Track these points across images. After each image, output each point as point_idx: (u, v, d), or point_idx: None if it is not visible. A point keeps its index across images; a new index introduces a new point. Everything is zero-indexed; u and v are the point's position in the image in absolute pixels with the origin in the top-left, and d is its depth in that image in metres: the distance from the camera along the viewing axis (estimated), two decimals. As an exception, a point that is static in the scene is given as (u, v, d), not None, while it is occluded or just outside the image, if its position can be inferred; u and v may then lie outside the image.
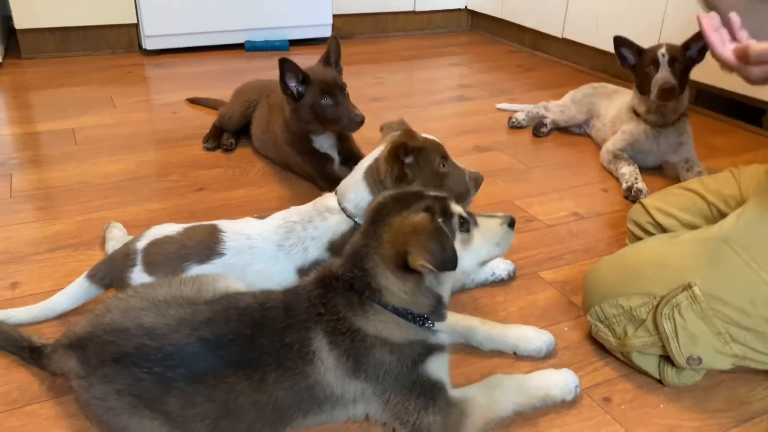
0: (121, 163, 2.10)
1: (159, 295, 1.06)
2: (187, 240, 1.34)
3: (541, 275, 1.57)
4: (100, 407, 0.98)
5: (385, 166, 1.33)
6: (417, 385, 1.01)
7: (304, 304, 1.04)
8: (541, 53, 3.65)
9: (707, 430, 1.13)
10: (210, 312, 1.02)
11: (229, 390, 0.96)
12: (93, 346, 0.99)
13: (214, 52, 3.43)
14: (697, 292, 1.12)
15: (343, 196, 1.38)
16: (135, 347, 0.97)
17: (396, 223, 1.00)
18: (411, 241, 0.96)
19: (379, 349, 1.01)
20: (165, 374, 0.95)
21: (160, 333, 0.98)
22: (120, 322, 1.00)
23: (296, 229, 1.36)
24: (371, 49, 3.71)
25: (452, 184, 1.37)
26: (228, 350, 0.98)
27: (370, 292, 1.02)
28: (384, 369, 1.01)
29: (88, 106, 2.59)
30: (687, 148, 2.07)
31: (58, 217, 1.75)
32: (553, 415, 1.15)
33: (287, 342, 1.00)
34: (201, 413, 0.96)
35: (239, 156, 2.19)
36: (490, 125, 2.55)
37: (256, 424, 0.99)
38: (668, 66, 1.94)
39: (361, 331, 1.01)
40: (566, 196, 1.99)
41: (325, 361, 1.01)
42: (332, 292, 1.04)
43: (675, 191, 1.52)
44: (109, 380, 0.96)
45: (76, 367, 1.01)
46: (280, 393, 0.99)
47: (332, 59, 1.90)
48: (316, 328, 1.01)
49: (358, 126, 1.81)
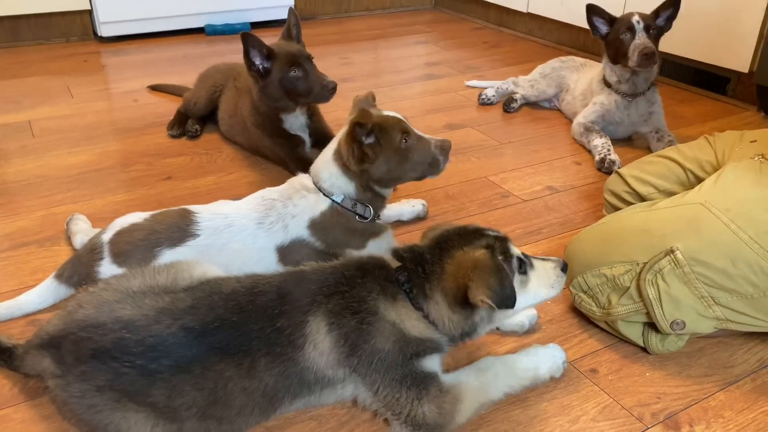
0: (83, 154, 2.02)
1: (133, 286, 1.02)
2: (157, 225, 1.30)
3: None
4: (79, 405, 0.94)
5: (345, 148, 1.31)
6: (408, 377, 1.00)
7: (311, 285, 1.02)
8: (507, 29, 3.64)
9: (693, 395, 1.14)
10: (191, 299, 0.99)
11: (217, 377, 0.94)
12: (68, 343, 0.95)
13: (173, 38, 3.33)
14: (679, 257, 1.12)
15: (318, 176, 1.35)
16: (113, 342, 0.93)
17: (458, 256, 1.02)
18: (473, 275, 0.97)
19: (383, 336, 0.99)
20: (148, 366, 0.92)
21: (139, 325, 0.94)
22: (95, 317, 0.96)
23: (276, 206, 1.33)
24: (335, 29, 3.65)
25: (418, 157, 1.33)
26: (214, 337, 0.95)
27: (417, 294, 1.03)
28: (378, 357, 0.99)
29: (44, 96, 2.49)
30: (657, 118, 2.09)
31: (19, 213, 1.67)
32: (542, 389, 1.14)
33: (278, 327, 0.97)
34: (188, 402, 0.93)
35: (206, 142, 2.13)
36: (461, 102, 2.53)
37: (245, 409, 0.97)
38: (644, 32, 1.94)
39: (378, 314, 1.00)
40: (540, 170, 1.99)
41: (318, 345, 0.98)
42: (369, 275, 1.04)
43: (651, 159, 1.53)
44: (87, 377, 0.93)
45: (51, 366, 0.96)
46: (270, 379, 0.97)
47: (293, 34, 1.84)
48: (315, 311, 0.99)
49: (331, 93, 1.76)
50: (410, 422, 1.00)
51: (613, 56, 2.03)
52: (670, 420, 1.09)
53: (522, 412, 1.10)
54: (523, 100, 2.45)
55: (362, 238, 1.36)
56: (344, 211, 1.34)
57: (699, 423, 1.09)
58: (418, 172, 1.36)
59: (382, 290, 1.02)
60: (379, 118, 1.30)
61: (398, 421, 1.01)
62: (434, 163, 1.36)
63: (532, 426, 1.08)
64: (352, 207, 1.34)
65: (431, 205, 1.73)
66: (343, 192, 1.33)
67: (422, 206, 1.69)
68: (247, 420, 0.99)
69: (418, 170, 1.36)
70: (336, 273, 1.05)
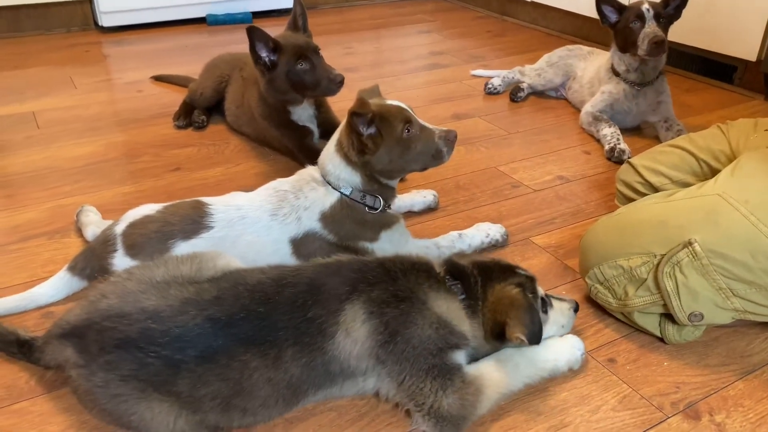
0: (89, 145, 2.01)
1: (156, 276, 1.01)
2: (170, 217, 1.29)
3: (533, 240, 1.56)
4: (103, 395, 0.93)
5: (345, 139, 1.29)
6: (435, 368, 1.00)
7: (352, 274, 1.03)
8: (510, 18, 3.62)
9: (712, 385, 1.14)
10: (216, 290, 0.98)
11: (242, 368, 0.94)
12: (91, 333, 0.95)
13: (174, 28, 3.30)
14: (697, 249, 1.12)
15: (324, 169, 1.34)
16: (139, 332, 0.93)
17: (497, 290, 1.07)
18: (510, 313, 1.03)
19: (427, 323, 1.01)
20: (173, 357, 0.92)
21: (164, 315, 0.94)
22: (119, 306, 0.96)
23: (289, 198, 1.32)
24: (337, 18, 3.62)
25: (422, 147, 1.30)
26: (240, 328, 0.95)
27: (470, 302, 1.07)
28: (413, 345, 0.99)
29: (47, 87, 2.46)
30: (666, 107, 2.08)
31: (27, 205, 1.66)
32: (561, 379, 1.14)
33: (309, 317, 0.97)
34: (213, 392, 0.93)
35: (212, 133, 2.11)
36: (467, 92, 2.52)
37: (269, 400, 0.97)
38: (654, 20, 1.92)
39: (427, 305, 1.02)
40: (549, 160, 1.98)
41: (352, 333, 0.99)
42: (422, 272, 1.07)
43: (663, 149, 1.52)
44: (112, 367, 0.92)
45: (74, 356, 0.96)
46: (296, 369, 0.97)
47: (300, 24, 1.82)
48: (354, 299, 1.00)
49: (338, 87, 1.74)
50: (433, 413, 0.99)
51: (622, 45, 2.02)
52: (690, 409, 1.09)
53: (542, 402, 1.10)
54: (530, 89, 2.44)
55: (374, 230, 1.35)
56: (353, 203, 1.32)
57: (719, 412, 1.09)
58: (420, 163, 1.33)
59: (429, 283, 1.06)
60: (379, 108, 1.27)
61: (420, 413, 1.00)
62: (438, 154, 1.32)
63: (553, 416, 1.07)
64: (361, 199, 1.32)
65: (442, 195, 1.72)
66: (349, 184, 1.31)
67: (433, 197, 1.68)
68: (270, 412, 0.99)
69: (421, 161, 1.33)
70: (385, 264, 1.06)
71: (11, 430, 1.03)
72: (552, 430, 1.05)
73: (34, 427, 1.03)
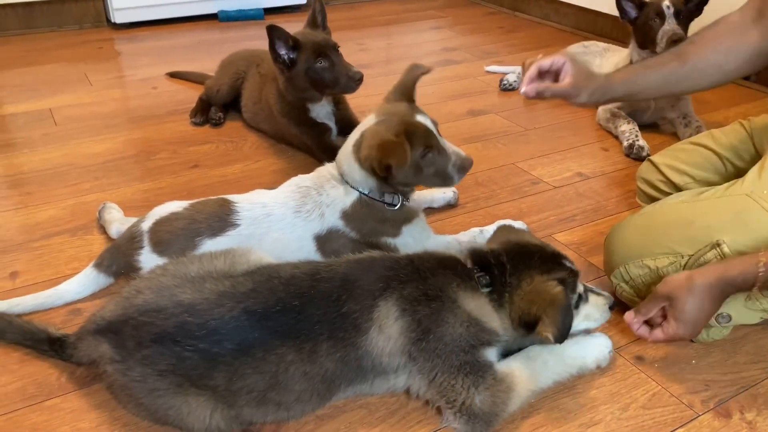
0: (107, 142, 2.01)
1: (191, 272, 1.02)
2: (197, 214, 1.29)
3: (555, 237, 1.55)
4: (140, 390, 0.94)
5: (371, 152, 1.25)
6: (468, 364, 1.00)
7: (385, 272, 1.03)
8: (522, 14, 3.60)
9: (742, 383, 1.14)
10: (251, 283, 0.99)
11: (278, 361, 0.94)
12: (128, 328, 0.95)
13: (186, 24, 3.30)
14: (725, 250, 1.11)
15: (341, 168, 1.34)
16: (176, 326, 0.93)
17: (537, 283, 1.04)
18: (548, 311, 1.01)
19: (458, 322, 1.00)
20: (211, 350, 0.92)
21: (201, 309, 0.95)
22: (155, 301, 0.97)
23: (312, 194, 1.32)
24: (349, 15, 3.62)
25: (434, 171, 1.31)
26: (276, 321, 0.95)
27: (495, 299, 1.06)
28: (445, 342, 0.99)
29: (62, 84, 2.46)
30: (684, 103, 2.07)
31: (49, 202, 1.66)
32: (590, 377, 1.14)
33: (343, 311, 0.98)
34: (249, 386, 0.94)
35: (229, 130, 2.11)
36: (482, 88, 2.51)
37: (304, 395, 0.97)
38: (674, 18, 1.91)
39: (457, 303, 1.01)
40: (568, 156, 1.97)
41: (385, 330, 0.99)
42: (450, 269, 1.06)
43: (685, 147, 1.51)
44: (150, 362, 0.93)
45: (110, 351, 0.96)
46: (331, 364, 0.97)
47: (319, 21, 1.82)
48: (388, 296, 1.00)
49: (357, 84, 1.74)
50: (465, 410, 1.00)
51: (641, 41, 2.01)
52: (721, 408, 1.09)
53: (571, 399, 1.10)
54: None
55: (396, 226, 1.35)
56: (372, 201, 1.32)
57: (749, 410, 1.08)
58: (429, 183, 1.39)
59: (463, 282, 1.04)
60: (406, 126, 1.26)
61: (452, 410, 1.01)
62: (448, 180, 1.35)
63: (583, 414, 1.07)
64: (380, 197, 1.33)
65: (461, 192, 1.72)
66: (364, 186, 1.32)
67: (453, 193, 1.68)
68: (304, 406, 1.00)
69: (430, 182, 1.38)
70: (414, 262, 1.06)
71: (43, 426, 1.04)
72: (582, 428, 1.05)
73: (65, 424, 1.04)
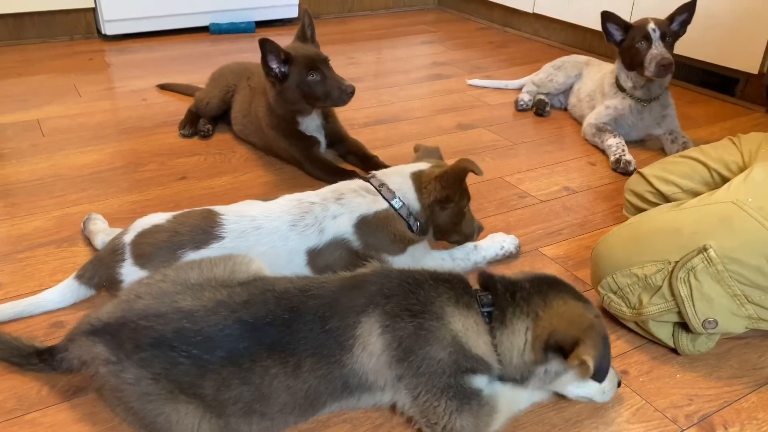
0: (94, 153, 2.00)
1: (191, 278, 1.03)
2: (180, 227, 1.29)
3: (542, 251, 1.56)
4: (132, 392, 0.93)
5: (435, 184, 1.34)
6: (452, 388, 0.97)
7: (371, 287, 1.02)
8: (512, 29, 3.64)
9: (725, 397, 1.14)
10: (246, 294, 1.00)
11: (263, 373, 0.94)
12: (126, 331, 0.95)
13: (177, 36, 3.30)
14: (712, 255, 1.12)
15: (388, 179, 1.37)
16: (174, 331, 0.94)
17: (572, 305, 1.01)
18: (589, 333, 0.95)
19: (440, 345, 0.98)
20: (202, 357, 0.93)
21: (198, 316, 0.96)
22: (156, 307, 0.97)
23: (315, 210, 1.32)
24: (340, 29, 3.64)
25: (465, 227, 1.43)
26: (264, 333, 0.96)
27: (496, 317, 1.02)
28: (428, 363, 0.97)
29: (51, 95, 2.46)
30: (671, 120, 2.09)
31: (34, 213, 1.65)
32: (575, 391, 1.14)
33: (327, 329, 0.97)
34: (235, 396, 0.94)
35: (218, 142, 2.11)
36: (470, 102, 2.53)
37: (286, 407, 0.97)
38: (661, 41, 1.93)
39: (442, 321, 0.99)
40: (555, 171, 1.99)
41: (368, 347, 0.98)
42: (445, 283, 1.03)
43: (674, 160, 1.52)
44: (145, 364, 0.93)
45: (104, 352, 0.96)
46: (314, 380, 0.96)
47: (308, 35, 1.84)
48: (371, 312, 0.99)
49: (349, 97, 1.75)
50: None
51: (628, 63, 2.02)
52: (705, 422, 1.09)
53: (556, 414, 1.10)
54: (548, 98, 2.43)
55: (403, 245, 1.37)
56: (398, 217, 1.34)
57: (733, 425, 1.09)
58: (459, 235, 1.44)
59: (455, 297, 1.01)
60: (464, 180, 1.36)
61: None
62: (471, 235, 1.46)
63: (567, 428, 1.07)
64: (407, 216, 1.35)
65: (449, 205, 1.72)
66: (408, 201, 1.35)
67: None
68: (286, 419, 0.99)
69: (460, 234, 1.44)
70: (403, 275, 1.04)
71: (22, 441, 1.02)
72: (567, 442, 1.05)
73: (45, 438, 1.03)
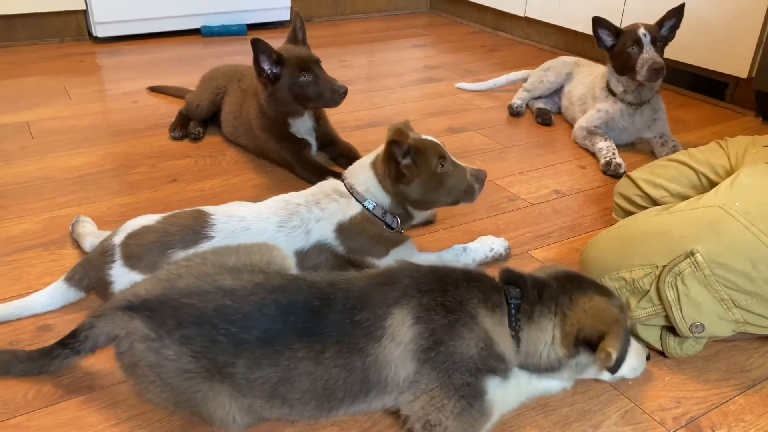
0: (84, 156, 1.99)
1: (229, 263, 1.06)
2: (169, 227, 1.29)
3: (531, 254, 1.56)
4: (172, 369, 0.95)
5: (382, 167, 1.32)
6: (467, 387, 0.98)
7: (405, 280, 1.03)
8: (504, 33, 3.65)
9: (713, 400, 1.15)
10: (282, 279, 1.03)
11: (291, 356, 0.96)
12: (167, 309, 0.97)
13: (169, 39, 3.30)
14: (699, 259, 1.13)
15: (355, 179, 1.35)
16: (215, 308, 0.96)
17: (599, 301, 1.04)
18: (614, 327, 0.99)
19: (468, 340, 0.99)
20: (240, 335, 0.95)
21: (239, 294, 0.98)
22: (198, 285, 0.99)
23: (300, 211, 1.33)
24: (332, 32, 3.64)
25: (453, 183, 1.34)
26: (296, 317, 0.98)
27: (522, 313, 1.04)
28: (456, 357, 0.97)
29: (42, 97, 2.45)
30: (661, 124, 2.10)
31: (22, 216, 1.64)
32: (563, 395, 1.14)
33: (356, 319, 0.99)
34: (264, 377, 0.96)
35: (209, 145, 2.11)
36: (462, 106, 2.53)
37: (305, 396, 0.98)
38: (651, 45, 1.94)
39: (472, 319, 1.00)
40: (545, 174, 1.99)
41: (397, 337, 0.98)
42: (475, 282, 1.05)
43: (662, 163, 1.53)
44: (187, 341, 0.95)
45: (142, 328, 0.96)
46: (335, 369, 0.97)
47: (299, 37, 1.84)
48: (404, 304, 1.00)
49: (342, 98, 1.76)
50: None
51: (619, 68, 2.03)
52: (692, 424, 1.09)
53: (544, 417, 1.10)
54: (542, 102, 2.44)
55: (386, 247, 1.37)
56: (374, 218, 1.34)
57: (720, 427, 1.09)
58: (452, 197, 1.37)
59: (484, 298, 1.03)
60: (415, 141, 1.30)
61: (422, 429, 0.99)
62: (469, 190, 1.36)
63: (555, 431, 1.07)
64: (382, 216, 1.34)
65: (439, 209, 1.72)
66: (377, 200, 1.33)
67: (430, 211, 1.68)
68: (303, 408, 1.00)
69: (453, 196, 1.36)
70: (438, 273, 1.05)
71: (8, 445, 1.02)
72: (555, 445, 1.05)
73: (31, 442, 1.02)
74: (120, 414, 1.07)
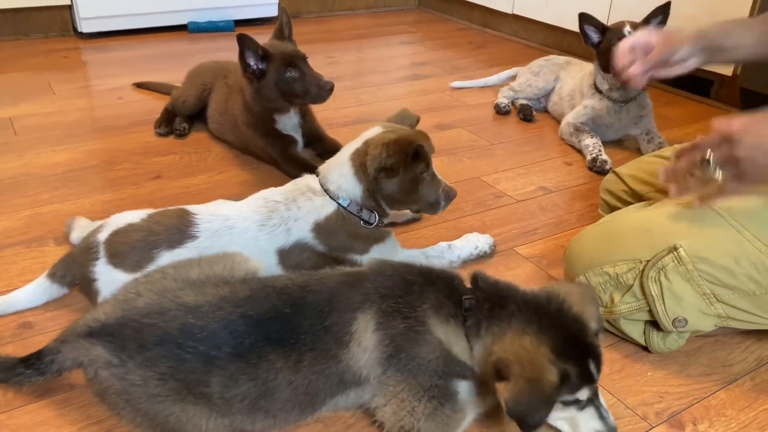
0: (68, 152, 1.97)
1: (191, 275, 1.02)
2: (154, 226, 1.27)
3: (517, 251, 1.56)
4: (139, 394, 0.92)
5: (379, 151, 1.26)
6: (436, 388, 0.97)
7: (368, 284, 1.01)
8: (491, 30, 3.65)
9: (695, 394, 1.15)
10: (248, 290, 1.00)
11: (269, 368, 0.94)
12: (128, 331, 0.93)
13: (155, 35, 3.27)
14: (682, 254, 1.13)
15: (326, 177, 1.33)
16: (179, 327, 0.93)
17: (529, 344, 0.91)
18: (519, 382, 0.88)
19: (429, 347, 0.97)
20: (209, 353, 0.92)
21: (203, 311, 0.95)
22: (158, 303, 0.96)
23: (279, 209, 1.31)
24: (319, 28, 3.63)
25: (426, 192, 1.33)
26: (269, 327, 0.95)
27: (471, 326, 0.98)
28: (418, 362, 0.97)
29: (25, 93, 2.42)
30: (647, 120, 2.11)
31: (4, 213, 1.62)
32: (547, 390, 1.14)
33: (326, 324, 0.97)
34: (242, 393, 0.93)
35: (194, 141, 2.09)
36: (449, 103, 2.53)
37: (287, 404, 0.97)
38: None
39: (425, 327, 0.97)
40: (532, 171, 1.99)
41: (362, 342, 0.97)
42: (430, 286, 1.01)
43: (648, 159, 1.54)
44: (151, 364, 0.91)
45: (105, 354, 0.93)
46: (313, 376, 0.96)
47: (286, 33, 1.83)
48: (366, 309, 0.98)
49: (328, 94, 1.74)
50: None
51: (605, 66, 2.03)
52: (674, 419, 1.10)
53: (528, 412, 1.10)
54: (528, 102, 2.44)
55: (366, 243, 1.35)
56: (349, 215, 1.32)
57: (702, 422, 1.10)
58: (418, 205, 1.36)
59: (436, 305, 0.99)
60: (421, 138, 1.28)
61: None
62: (435, 205, 1.35)
63: (539, 426, 1.07)
64: (358, 212, 1.33)
65: (426, 205, 1.72)
66: (349, 195, 1.31)
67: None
68: (287, 416, 0.99)
69: (419, 204, 1.35)
70: (396, 276, 1.03)
71: (-14, 444, 1.00)
72: (538, 440, 1.05)
73: (10, 441, 1.01)
74: (101, 412, 1.05)
